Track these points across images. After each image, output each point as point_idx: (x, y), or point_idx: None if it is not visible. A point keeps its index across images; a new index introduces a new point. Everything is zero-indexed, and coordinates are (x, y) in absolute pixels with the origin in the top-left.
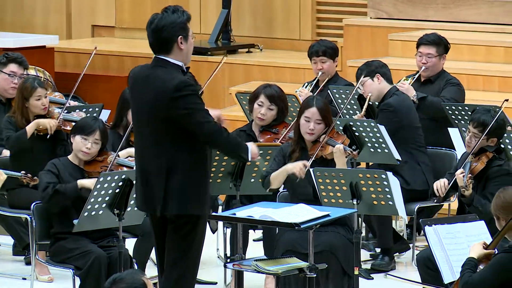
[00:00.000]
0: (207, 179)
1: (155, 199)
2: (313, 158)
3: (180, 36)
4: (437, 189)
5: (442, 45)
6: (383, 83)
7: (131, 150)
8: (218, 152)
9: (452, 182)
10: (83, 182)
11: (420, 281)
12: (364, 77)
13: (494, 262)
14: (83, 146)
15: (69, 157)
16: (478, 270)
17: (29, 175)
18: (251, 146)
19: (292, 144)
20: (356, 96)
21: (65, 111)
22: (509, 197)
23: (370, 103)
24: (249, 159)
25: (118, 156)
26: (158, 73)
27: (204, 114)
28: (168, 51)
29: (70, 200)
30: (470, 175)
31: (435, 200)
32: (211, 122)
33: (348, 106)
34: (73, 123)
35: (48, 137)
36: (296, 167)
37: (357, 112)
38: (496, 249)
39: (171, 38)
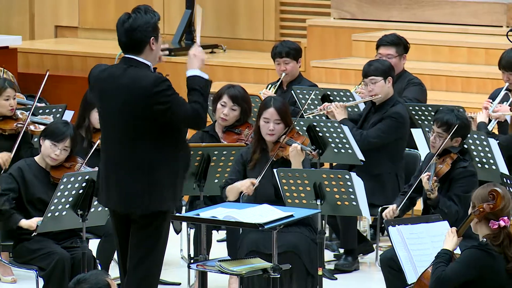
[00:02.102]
0: (182, 175)
1: (137, 198)
2: (263, 172)
3: (152, 37)
4: (386, 215)
5: (401, 45)
6: (390, 88)
7: None
8: None
9: (416, 185)
10: (22, 223)
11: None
12: (378, 76)
13: (467, 258)
14: (52, 152)
15: (36, 158)
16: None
17: None
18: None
19: (252, 145)
20: (319, 97)
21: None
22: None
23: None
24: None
25: (86, 165)
26: (131, 72)
27: (182, 101)
28: (139, 52)
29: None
30: (435, 177)
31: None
32: (189, 105)
33: (312, 107)
34: (39, 125)
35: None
36: (244, 185)
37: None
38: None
39: (144, 39)
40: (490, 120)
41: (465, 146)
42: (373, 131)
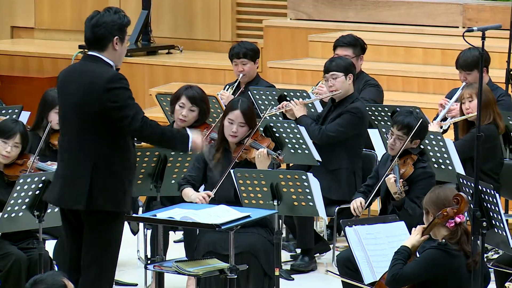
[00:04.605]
0: (130, 176)
1: (80, 194)
2: (224, 176)
3: (116, 37)
4: (354, 210)
5: (358, 46)
6: (351, 85)
7: None
8: (139, 154)
9: (377, 186)
10: None
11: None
12: (338, 72)
13: (425, 258)
14: (2, 149)
15: None
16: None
17: None
18: (193, 137)
19: (216, 144)
20: (276, 98)
21: None
22: (443, 194)
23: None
24: (189, 151)
25: (37, 159)
26: (89, 67)
27: (134, 107)
28: (102, 49)
29: None
30: (401, 180)
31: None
32: (140, 116)
33: (269, 107)
34: None
35: None
36: (199, 196)
37: (278, 113)
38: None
39: (108, 36)
40: (442, 127)
41: (421, 146)
42: (331, 126)
